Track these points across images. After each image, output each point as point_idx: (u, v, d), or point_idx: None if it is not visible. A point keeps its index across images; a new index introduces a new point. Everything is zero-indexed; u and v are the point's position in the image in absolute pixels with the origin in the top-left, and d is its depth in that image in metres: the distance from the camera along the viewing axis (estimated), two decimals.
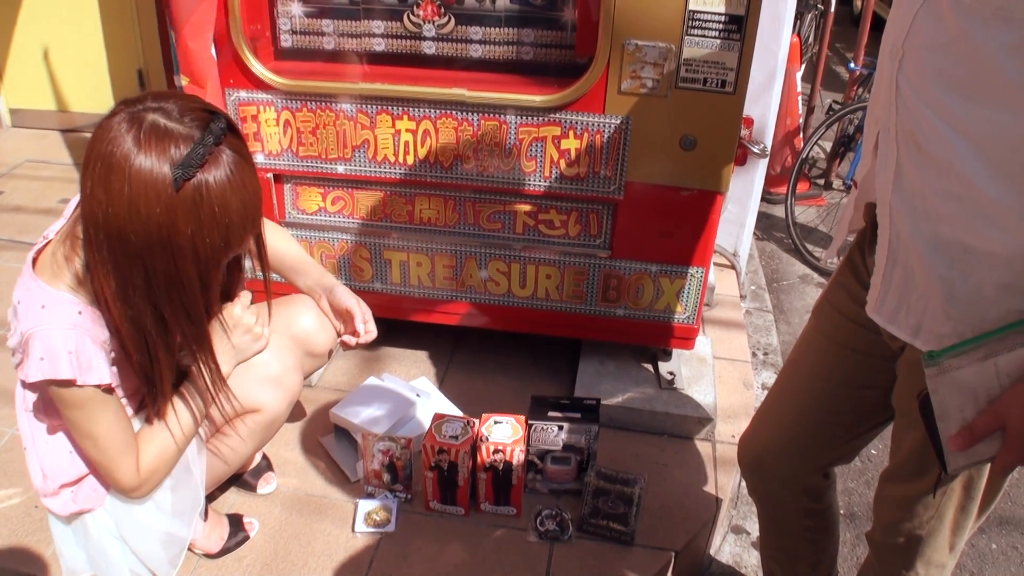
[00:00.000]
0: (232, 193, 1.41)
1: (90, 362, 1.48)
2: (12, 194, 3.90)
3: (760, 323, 3.49)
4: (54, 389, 1.50)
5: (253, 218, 1.49)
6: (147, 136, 1.35)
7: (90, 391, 1.51)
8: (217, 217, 1.41)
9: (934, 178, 1.12)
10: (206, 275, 1.49)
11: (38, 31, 4.44)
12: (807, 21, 5.35)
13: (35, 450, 1.69)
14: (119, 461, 1.60)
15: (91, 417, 1.54)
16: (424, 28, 2.21)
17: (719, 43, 1.94)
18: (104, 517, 1.74)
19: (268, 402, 1.83)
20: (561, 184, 2.21)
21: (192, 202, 1.38)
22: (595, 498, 2.02)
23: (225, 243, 1.46)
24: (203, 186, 1.38)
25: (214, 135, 1.39)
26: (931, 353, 1.10)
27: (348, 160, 2.30)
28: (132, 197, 1.35)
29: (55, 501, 1.71)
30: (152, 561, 1.81)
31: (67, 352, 1.45)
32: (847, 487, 2.67)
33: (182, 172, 1.36)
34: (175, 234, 1.39)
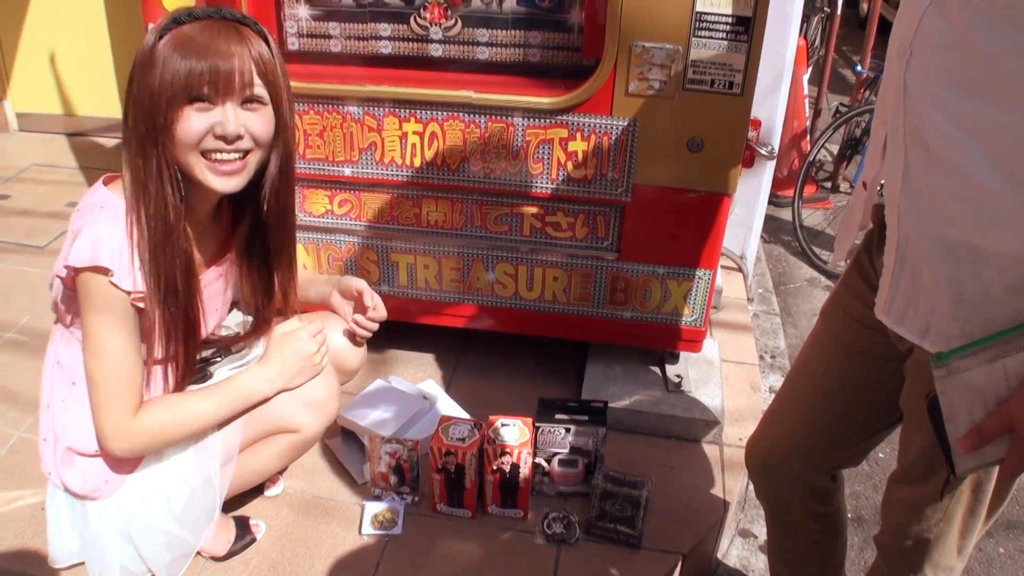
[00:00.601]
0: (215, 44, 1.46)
1: (131, 266, 1.53)
2: (19, 198, 3.91)
3: (767, 326, 3.48)
4: (86, 283, 1.52)
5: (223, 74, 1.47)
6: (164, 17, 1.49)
7: (119, 297, 1.53)
8: (181, 58, 1.45)
9: (942, 179, 1.12)
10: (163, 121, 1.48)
11: (45, 35, 4.46)
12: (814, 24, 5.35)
13: (51, 411, 1.72)
14: (117, 396, 1.60)
15: (108, 329, 1.56)
16: (431, 31, 2.21)
17: (726, 44, 1.93)
18: (112, 509, 1.74)
19: (307, 425, 1.84)
20: (568, 186, 2.21)
21: (167, 48, 1.46)
22: (602, 501, 2.01)
23: (185, 85, 1.46)
24: (184, 31, 1.47)
25: (231, 12, 1.51)
26: (939, 354, 1.09)
27: (355, 162, 2.30)
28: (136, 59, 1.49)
29: (66, 472, 1.71)
30: (154, 561, 1.81)
31: (111, 247, 1.51)
32: (854, 490, 2.66)
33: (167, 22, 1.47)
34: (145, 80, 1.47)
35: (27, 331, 2.83)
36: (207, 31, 1.47)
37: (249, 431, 1.80)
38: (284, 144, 1.64)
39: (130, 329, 1.59)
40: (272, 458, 1.87)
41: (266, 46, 1.54)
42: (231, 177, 1.57)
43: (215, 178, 1.55)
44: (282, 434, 1.84)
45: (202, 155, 1.53)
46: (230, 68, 1.47)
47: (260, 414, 1.79)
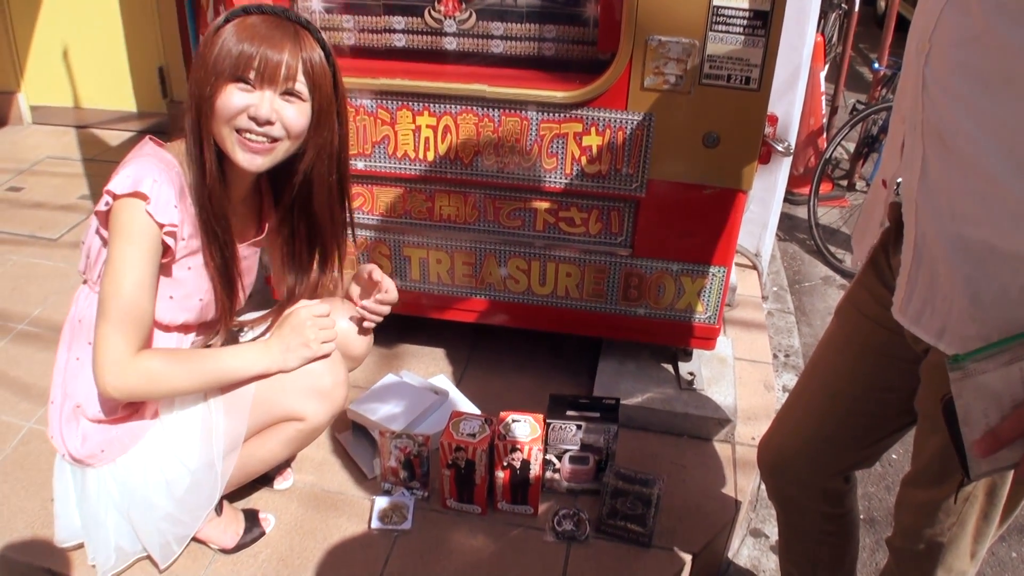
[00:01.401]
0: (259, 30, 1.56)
1: (168, 203, 1.59)
2: (32, 190, 3.92)
3: (782, 324, 3.46)
4: (120, 210, 1.57)
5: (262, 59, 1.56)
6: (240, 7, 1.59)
7: (151, 227, 1.58)
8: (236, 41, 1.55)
9: (960, 176, 1.10)
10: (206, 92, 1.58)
11: (59, 29, 4.48)
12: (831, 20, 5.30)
13: (64, 368, 1.74)
14: (123, 329, 1.61)
15: (132, 259, 1.59)
16: (445, 24, 2.20)
17: (743, 39, 1.91)
18: (109, 481, 1.75)
19: (313, 414, 1.83)
20: (582, 181, 2.19)
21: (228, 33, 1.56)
22: (613, 499, 2.00)
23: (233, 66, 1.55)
24: (247, 20, 1.57)
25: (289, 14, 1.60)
26: (955, 357, 1.07)
27: (368, 156, 2.29)
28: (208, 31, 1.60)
29: (68, 432, 1.74)
30: (149, 540, 1.82)
31: (153, 180, 1.57)
32: (867, 491, 2.63)
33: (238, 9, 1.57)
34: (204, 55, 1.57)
35: (39, 323, 2.84)
36: (267, 24, 1.58)
37: (255, 419, 1.79)
38: (325, 143, 1.72)
39: (153, 265, 1.61)
40: (278, 447, 1.86)
41: (321, 51, 1.64)
42: (256, 156, 1.64)
43: (242, 153, 1.62)
44: (288, 422, 1.83)
45: (235, 131, 1.61)
46: (277, 60, 1.56)
47: (266, 402, 1.78)
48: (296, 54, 1.58)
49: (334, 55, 1.66)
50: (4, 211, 3.70)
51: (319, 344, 1.79)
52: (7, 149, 4.42)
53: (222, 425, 1.77)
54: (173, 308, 1.71)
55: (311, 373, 1.81)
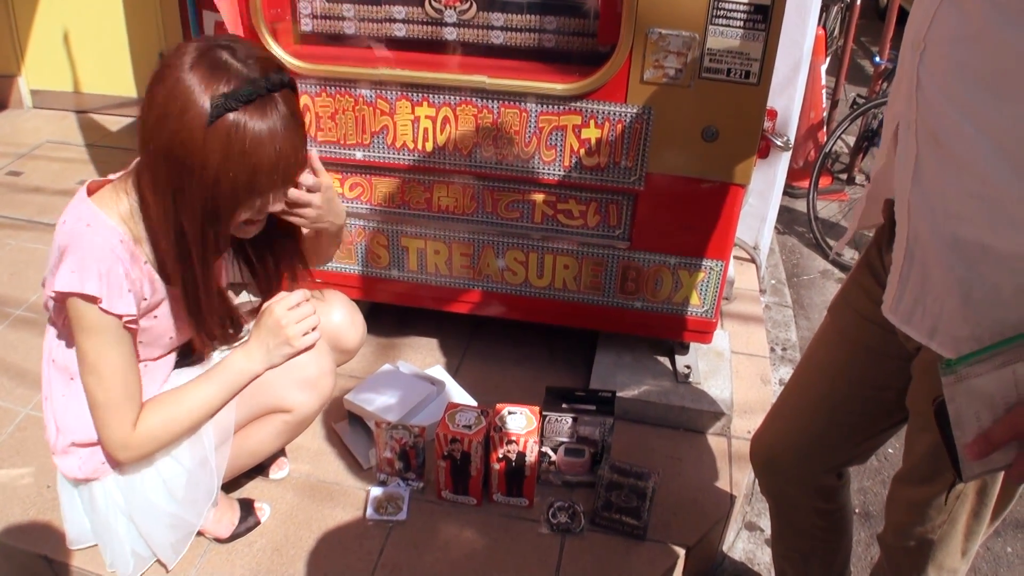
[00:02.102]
0: (269, 140, 1.43)
1: (120, 289, 1.51)
2: (32, 175, 3.92)
3: (779, 318, 3.46)
4: (75, 307, 1.51)
5: (285, 171, 1.49)
6: (203, 62, 1.40)
7: (110, 320, 1.52)
8: (246, 157, 1.42)
9: (954, 176, 1.09)
10: (225, 212, 1.50)
11: (60, 13, 4.46)
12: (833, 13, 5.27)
13: (51, 403, 1.72)
14: (117, 410, 1.60)
15: (102, 350, 1.55)
16: (446, 14, 2.19)
17: (744, 33, 1.91)
18: (113, 489, 1.75)
19: (301, 404, 1.82)
20: (581, 174, 2.19)
21: (224, 138, 1.40)
22: (608, 491, 2.00)
23: (249, 187, 1.46)
24: (240, 125, 1.40)
25: (269, 82, 1.42)
26: (948, 362, 1.07)
27: (367, 146, 2.28)
28: (167, 113, 1.40)
29: (65, 460, 1.73)
30: (156, 542, 1.82)
31: (98, 272, 1.48)
32: (863, 486, 2.64)
33: (221, 103, 1.38)
34: (202, 164, 1.41)
35: (36, 308, 2.83)
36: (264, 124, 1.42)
37: (242, 411, 1.79)
38: None
39: (124, 346, 1.58)
40: (267, 439, 1.86)
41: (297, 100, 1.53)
42: (253, 230, 1.64)
43: (241, 232, 1.62)
44: (276, 414, 1.82)
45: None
46: (289, 167, 1.50)
47: (252, 394, 1.78)
48: (301, 131, 1.51)
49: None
50: (3, 195, 3.70)
51: (300, 338, 1.74)
52: (7, 133, 4.41)
53: (210, 421, 1.76)
54: (146, 349, 1.71)
55: (297, 364, 1.79)
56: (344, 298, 2.02)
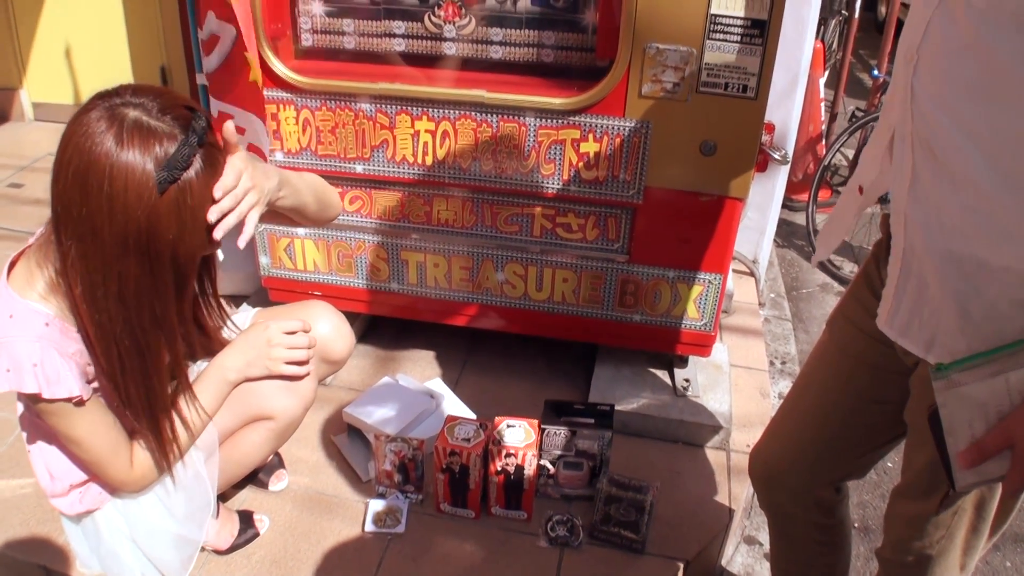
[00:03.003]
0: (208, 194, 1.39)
1: (57, 375, 1.44)
2: (32, 187, 3.94)
3: (778, 331, 3.46)
4: (25, 398, 1.51)
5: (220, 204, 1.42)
6: (129, 134, 1.31)
7: (58, 404, 1.48)
8: (200, 218, 1.39)
9: (949, 189, 1.10)
10: (183, 278, 1.48)
11: (61, 27, 4.49)
12: (831, 27, 5.31)
13: (40, 452, 1.69)
14: (108, 461, 1.60)
15: (69, 423, 1.53)
16: (445, 29, 2.20)
17: (741, 47, 1.92)
18: (115, 516, 1.75)
19: (282, 410, 1.82)
20: (580, 187, 2.20)
21: (175, 204, 1.35)
22: (607, 505, 2.01)
23: (207, 243, 1.45)
24: (187, 187, 1.36)
25: (198, 135, 1.36)
26: (939, 366, 1.07)
27: (367, 160, 2.29)
28: (112, 197, 1.32)
29: (63, 501, 1.72)
30: (163, 563, 1.81)
31: (32, 365, 1.42)
32: (862, 500, 2.64)
33: (167, 174, 1.33)
34: (155, 238, 1.37)
35: None
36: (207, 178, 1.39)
37: (226, 421, 1.78)
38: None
39: (88, 411, 1.53)
40: (253, 448, 1.85)
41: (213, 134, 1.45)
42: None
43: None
44: (259, 422, 1.82)
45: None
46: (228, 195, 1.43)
47: (235, 402, 1.78)
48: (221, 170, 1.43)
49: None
50: (4, 207, 3.72)
51: (281, 364, 1.76)
52: (8, 146, 4.43)
53: None
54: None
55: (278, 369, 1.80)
56: (329, 308, 2.02)
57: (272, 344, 1.77)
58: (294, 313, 1.97)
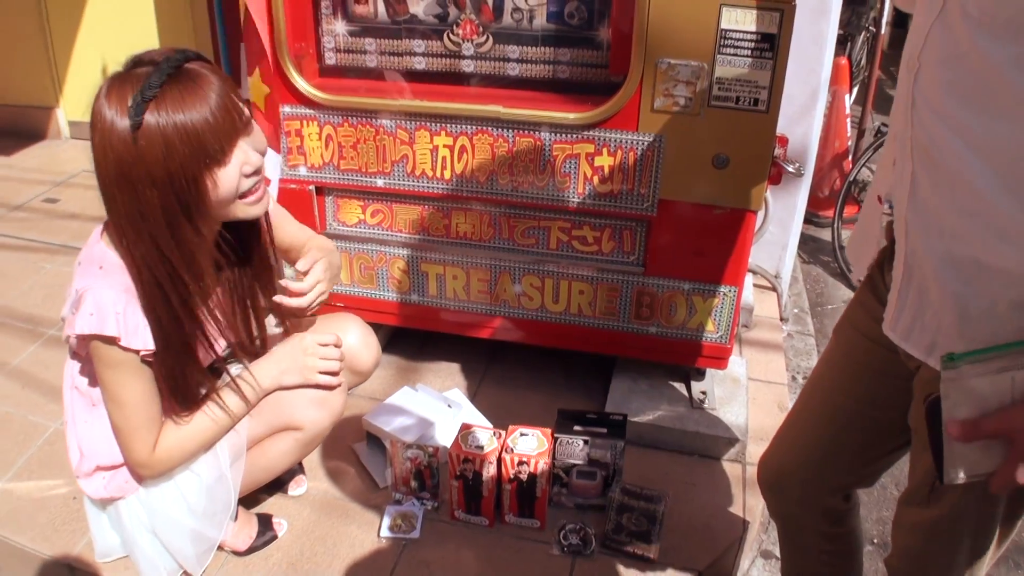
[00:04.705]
0: (195, 105, 1.46)
1: (136, 327, 1.57)
2: (68, 202, 4.05)
3: (801, 346, 3.46)
4: (95, 345, 1.57)
5: (227, 118, 1.50)
6: (112, 85, 1.46)
7: (129, 355, 1.58)
8: (183, 133, 1.45)
9: (948, 193, 1.12)
10: (193, 206, 1.52)
11: (97, 46, 4.60)
12: (859, 43, 5.30)
13: (75, 428, 1.78)
14: (138, 434, 1.66)
15: (123, 381, 1.61)
16: (463, 47, 2.25)
17: (751, 62, 1.94)
18: (137, 507, 1.80)
19: (311, 421, 1.88)
20: (595, 201, 2.23)
21: (155, 132, 1.43)
22: (619, 514, 2.03)
23: (201, 157, 1.49)
24: (163, 112, 1.43)
25: (169, 62, 1.46)
26: (951, 355, 1.07)
27: (387, 174, 2.35)
28: (103, 148, 1.46)
29: (89, 483, 1.79)
30: (180, 555, 1.87)
31: (115, 312, 1.54)
32: (881, 516, 2.63)
33: (134, 105, 1.42)
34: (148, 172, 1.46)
35: None
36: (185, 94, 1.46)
37: (256, 428, 1.84)
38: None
39: (143, 377, 1.64)
40: (280, 455, 1.90)
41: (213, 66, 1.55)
42: (263, 201, 1.65)
43: (252, 208, 1.63)
44: (287, 431, 1.88)
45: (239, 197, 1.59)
46: (230, 115, 1.50)
47: (265, 411, 1.84)
48: (227, 90, 1.51)
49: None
50: (40, 221, 3.83)
51: (315, 373, 1.84)
52: (45, 162, 4.57)
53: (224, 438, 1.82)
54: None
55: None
56: (358, 320, 2.08)
57: (308, 353, 1.85)
58: (324, 325, 2.03)
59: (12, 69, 4.74)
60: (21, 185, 4.24)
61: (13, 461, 2.31)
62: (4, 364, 2.76)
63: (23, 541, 2.06)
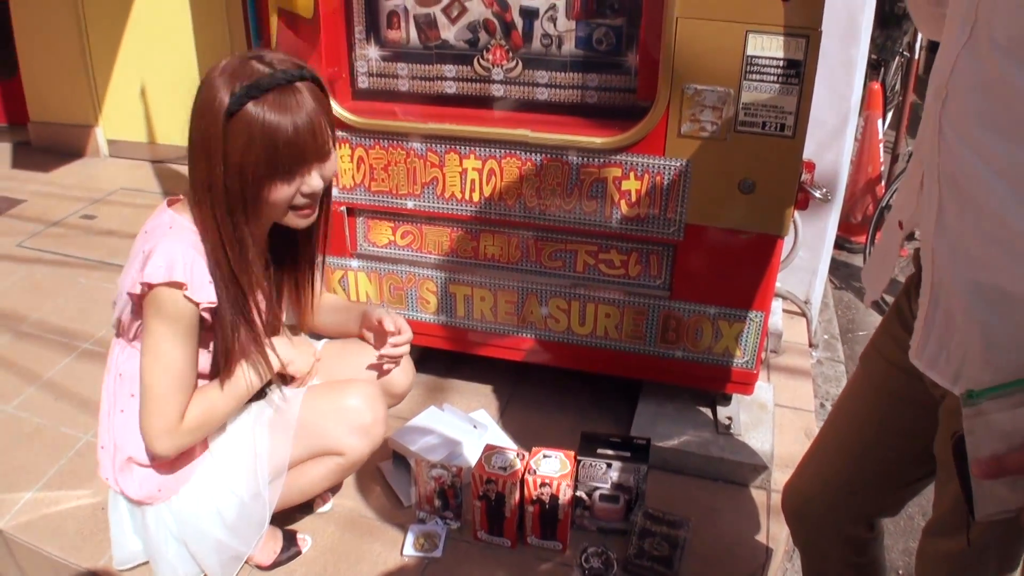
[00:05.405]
0: (287, 121, 1.56)
1: (202, 281, 1.65)
2: (105, 219, 4.13)
3: (831, 373, 3.43)
4: (157, 296, 1.63)
5: (304, 148, 1.61)
6: (230, 66, 1.58)
7: (189, 309, 1.65)
8: (266, 139, 1.56)
9: (974, 221, 1.12)
10: (252, 200, 1.63)
11: (136, 67, 4.72)
12: (893, 68, 5.29)
13: (110, 420, 1.82)
14: (172, 397, 1.70)
15: (171, 338, 1.66)
16: (493, 72, 2.29)
17: (778, 87, 1.95)
18: (167, 515, 1.84)
19: (353, 449, 1.91)
20: (621, 225, 2.24)
21: (245, 124, 1.55)
22: (641, 539, 2.02)
23: (272, 167, 1.59)
24: (259, 111, 1.55)
25: (287, 75, 1.58)
26: (971, 393, 1.07)
27: (417, 196, 2.38)
28: (200, 112, 1.58)
29: (124, 478, 1.82)
30: (206, 563, 1.90)
31: (184, 263, 1.63)
32: (907, 547, 2.59)
33: (240, 93, 1.54)
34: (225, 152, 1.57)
35: (103, 343, 2.98)
36: (286, 104, 1.57)
37: (297, 451, 1.88)
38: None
39: (192, 340, 1.70)
40: (318, 479, 1.94)
41: (323, 92, 1.67)
42: (308, 217, 1.74)
43: (296, 220, 1.74)
44: (328, 456, 1.91)
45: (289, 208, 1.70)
46: (312, 143, 1.61)
47: (308, 436, 1.88)
48: (323, 115, 1.63)
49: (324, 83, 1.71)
50: (77, 237, 3.91)
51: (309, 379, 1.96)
52: (83, 179, 4.67)
53: (266, 456, 1.85)
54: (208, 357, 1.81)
55: (353, 410, 1.90)
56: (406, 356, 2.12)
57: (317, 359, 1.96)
58: (365, 349, 2.08)
59: (53, 88, 4.87)
60: (60, 201, 4.34)
61: (45, 471, 2.36)
62: (38, 376, 2.82)
63: (52, 550, 2.10)
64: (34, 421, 2.59)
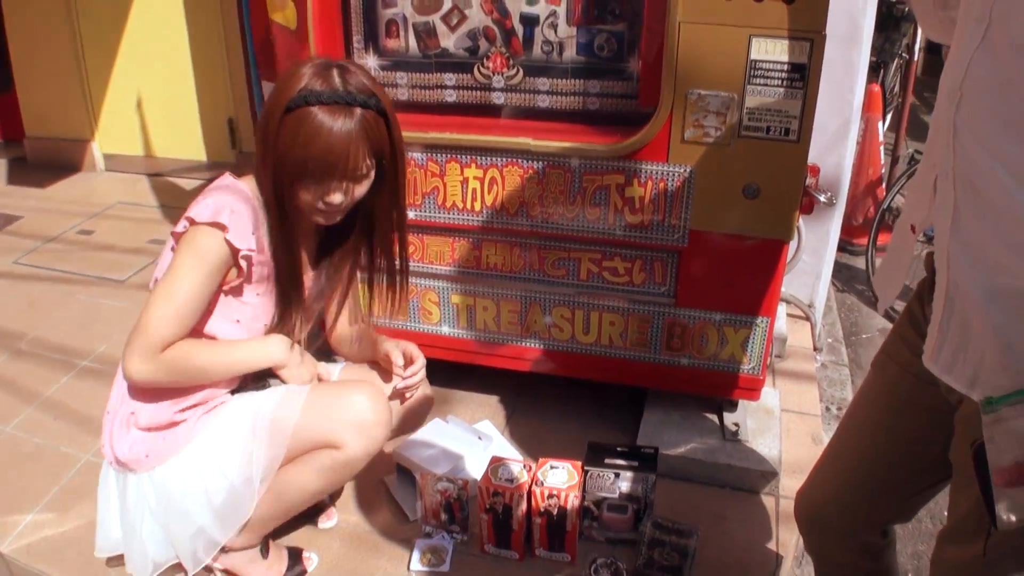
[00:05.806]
0: (327, 135, 1.65)
1: (245, 229, 1.72)
2: (103, 234, 4.11)
3: (835, 377, 3.41)
4: (196, 233, 1.70)
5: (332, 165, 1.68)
6: (317, 67, 1.69)
7: (223, 252, 1.71)
8: (307, 144, 1.65)
9: (991, 224, 1.10)
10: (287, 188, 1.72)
11: (132, 81, 4.70)
12: (892, 70, 5.28)
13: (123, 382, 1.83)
14: (160, 323, 1.70)
15: (190, 270, 1.70)
16: (493, 80, 2.27)
17: (782, 92, 1.94)
18: (148, 487, 1.83)
19: (350, 443, 1.86)
20: (625, 232, 2.22)
21: (296, 122, 1.65)
22: (650, 548, 2.00)
23: (302, 170, 1.68)
24: (311, 116, 1.64)
25: (351, 96, 1.66)
26: (989, 399, 1.06)
27: (418, 206, 2.36)
28: (274, 93, 1.70)
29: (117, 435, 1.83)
30: (181, 547, 1.89)
31: (231, 211, 1.71)
32: (916, 550, 2.57)
33: (304, 95, 1.64)
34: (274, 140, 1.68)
35: (103, 360, 2.96)
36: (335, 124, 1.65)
37: (294, 442, 1.83)
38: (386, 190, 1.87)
39: (211, 284, 1.73)
40: (312, 474, 1.87)
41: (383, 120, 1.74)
42: (329, 219, 1.81)
43: (320, 220, 1.81)
44: (325, 449, 1.85)
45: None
46: (342, 163, 1.68)
47: (308, 427, 1.83)
48: (363, 144, 1.69)
49: (393, 114, 1.78)
50: (74, 252, 3.89)
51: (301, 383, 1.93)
52: (80, 194, 4.65)
53: (264, 442, 1.82)
54: (238, 331, 1.83)
55: (355, 406, 1.86)
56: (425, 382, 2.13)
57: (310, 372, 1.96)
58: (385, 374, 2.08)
59: (49, 103, 4.85)
60: (57, 217, 4.32)
61: (45, 492, 2.33)
62: (36, 395, 2.79)
63: (55, 574, 2.07)
64: (34, 441, 2.56)
